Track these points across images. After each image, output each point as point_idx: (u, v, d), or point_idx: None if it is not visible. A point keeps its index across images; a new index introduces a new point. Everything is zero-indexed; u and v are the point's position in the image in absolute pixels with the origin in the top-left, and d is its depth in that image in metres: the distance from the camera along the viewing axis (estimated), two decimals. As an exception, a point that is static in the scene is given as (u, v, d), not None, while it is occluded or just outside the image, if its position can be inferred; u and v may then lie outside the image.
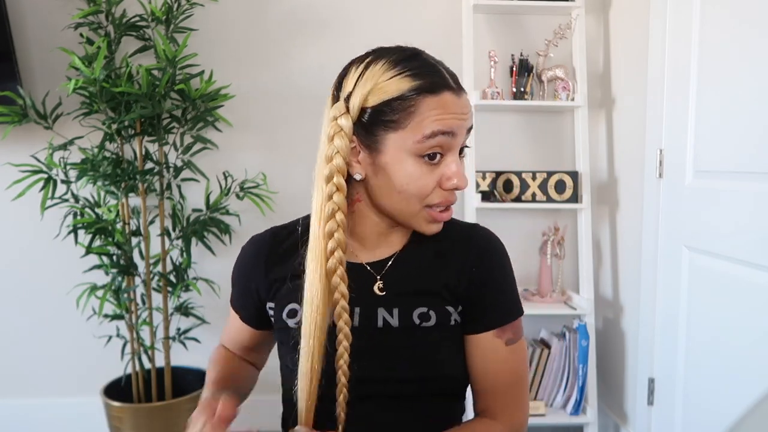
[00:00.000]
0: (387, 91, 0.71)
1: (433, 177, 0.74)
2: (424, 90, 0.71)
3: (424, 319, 0.79)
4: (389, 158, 0.73)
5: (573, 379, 1.96)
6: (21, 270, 2.11)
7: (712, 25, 1.52)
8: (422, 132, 0.71)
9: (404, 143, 0.72)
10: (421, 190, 0.74)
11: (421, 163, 0.73)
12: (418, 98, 0.71)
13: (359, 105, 0.72)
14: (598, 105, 2.15)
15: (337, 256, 0.74)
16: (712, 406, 1.52)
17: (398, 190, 0.74)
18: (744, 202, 1.40)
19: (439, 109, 0.72)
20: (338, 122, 0.73)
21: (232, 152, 2.08)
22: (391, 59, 0.73)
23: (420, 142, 0.71)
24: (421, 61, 0.74)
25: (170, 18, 1.83)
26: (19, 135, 1.94)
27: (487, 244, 0.83)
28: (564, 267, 2.14)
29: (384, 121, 0.72)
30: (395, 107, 0.71)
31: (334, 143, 0.74)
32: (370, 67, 0.74)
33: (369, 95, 0.72)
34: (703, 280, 1.56)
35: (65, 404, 2.15)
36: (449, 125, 0.72)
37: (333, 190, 0.74)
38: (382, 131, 0.73)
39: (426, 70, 0.73)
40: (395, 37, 2.08)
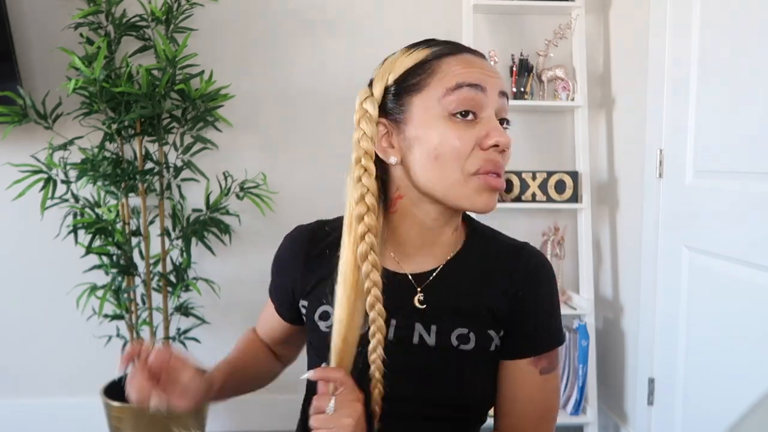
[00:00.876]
0: (405, 63, 0.72)
1: (470, 136, 0.68)
2: (442, 53, 0.71)
3: (463, 341, 0.74)
4: (418, 123, 0.69)
5: (573, 379, 1.96)
6: (21, 270, 2.11)
7: (712, 25, 1.52)
8: (445, 85, 0.68)
9: (430, 103, 0.69)
10: (457, 150, 0.67)
11: (453, 122, 0.68)
12: (438, 60, 0.70)
13: (382, 86, 0.72)
14: (598, 105, 2.15)
15: (368, 240, 0.70)
16: (712, 406, 1.52)
17: (433, 156, 0.68)
18: (744, 202, 1.40)
19: (462, 64, 0.69)
20: (363, 106, 0.73)
21: (232, 152, 2.08)
22: (408, 46, 0.75)
23: (446, 95, 0.68)
24: (439, 41, 0.75)
25: (170, 18, 1.83)
26: (19, 135, 1.94)
27: (536, 266, 0.78)
28: (564, 267, 2.14)
29: (406, 88, 0.71)
30: (417, 72, 0.70)
31: (361, 127, 0.72)
32: (390, 56, 0.75)
33: (390, 74, 0.72)
34: (703, 280, 1.56)
35: (65, 404, 2.15)
36: (475, 77, 0.68)
37: (361, 172, 0.71)
38: (405, 98, 0.71)
39: (444, 43, 0.73)
40: (395, 37, 2.08)
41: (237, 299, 2.12)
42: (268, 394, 2.31)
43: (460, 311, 0.75)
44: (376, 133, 0.72)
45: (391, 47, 0.84)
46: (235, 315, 2.15)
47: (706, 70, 1.55)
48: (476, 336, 0.74)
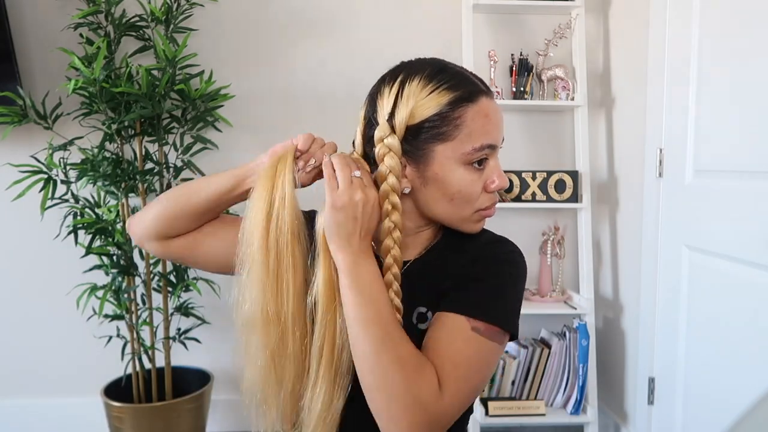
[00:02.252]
0: (429, 106, 0.75)
1: (480, 182, 0.78)
2: (463, 100, 0.75)
3: (420, 319, 0.80)
4: (438, 169, 0.76)
5: (573, 379, 1.96)
6: (21, 270, 2.11)
7: (712, 25, 1.52)
8: (472, 144, 0.75)
9: (452, 154, 0.76)
10: (472, 195, 0.78)
11: (470, 171, 0.77)
12: (461, 109, 0.75)
13: (404, 123, 0.75)
14: (598, 105, 2.15)
15: (393, 272, 0.78)
16: (713, 405, 1.52)
17: (450, 198, 0.77)
18: (744, 201, 1.40)
19: (483, 119, 0.76)
20: (386, 143, 0.76)
21: (232, 152, 2.08)
22: (425, 75, 0.77)
23: (470, 154, 0.76)
24: (451, 72, 0.78)
25: (170, 18, 1.83)
26: (19, 135, 1.94)
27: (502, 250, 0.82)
28: (564, 266, 2.14)
29: (431, 135, 0.76)
30: (441, 121, 0.75)
31: (386, 163, 0.76)
32: (405, 85, 0.76)
33: (412, 113, 0.75)
34: (703, 280, 1.56)
35: (65, 404, 2.15)
36: (495, 138, 0.77)
37: (389, 208, 0.78)
38: (429, 144, 0.76)
39: (459, 80, 0.77)
40: (395, 37, 2.09)
41: (237, 299, 2.12)
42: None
43: (423, 293, 0.81)
44: (400, 168, 0.77)
45: (391, 47, 0.84)
46: (235, 315, 2.15)
47: (705, 69, 1.55)
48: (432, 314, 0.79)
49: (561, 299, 2.07)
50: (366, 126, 0.80)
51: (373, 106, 0.79)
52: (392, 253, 0.78)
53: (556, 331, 2.08)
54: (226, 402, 2.15)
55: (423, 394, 0.69)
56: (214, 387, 1.96)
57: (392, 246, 0.78)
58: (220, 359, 2.14)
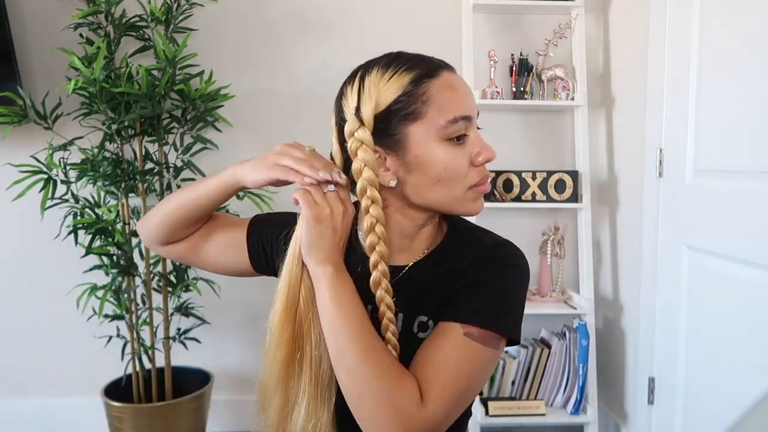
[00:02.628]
0: (392, 90, 0.73)
1: (464, 156, 0.75)
2: (425, 76, 0.74)
3: (422, 328, 0.79)
4: (417, 150, 0.74)
5: (573, 379, 1.96)
6: (21, 270, 2.11)
7: (712, 25, 1.52)
8: (445, 117, 0.73)
9: (429, 131, 0.73)
10: (459, 172, 0.75)
11: (450, 146, 0.74)
12: (424, 85, 0.73)
13: (371, 113, 0.74)
14: (598, 104, 2.15)
15: (380, 269, 0.76)
16: (713, 405, 1.52)
17: (437, 179, 0.74)
18: (744, 201, 1.40)
19: (449, 91, 0.74)
20: (356, 136, 0.74)
21: (232, 152, 2.08)
22: (381, 65, 0.76)
23: (445, 127, 0.73)
24: (407, 56, 0.77)
25: (170, 18, 1.82)
26: (19, 135, 1.94)
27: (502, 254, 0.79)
28: (564, 266, 2.14)
29: (401, 117, 0.73)
30: (407, 101, 0.73)
31: (359, 157, 0.74)
32: (365, 78, 0.75)
33: (377, 101, 0.74)
34: (703, 280, 1.56)
35: (65, 404, 2.15)
36: (468, 109, 0.75)
37: (369, 203, 0.76)
38: (401, 127, 0.74)
39: (416, 61, 0.76)
40: (395, 37, 2.09)
41: (237, 299, 2.12)
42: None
43: (424, 301, 0.80)
44: (375, 161, 0.75)
45: (391, 47, 0.84)
46: (235, 315, 2.15)
47: (705, 69, 1.55)
48: (434, 325, 0.78)
49: (561, 299, 2.07)
50: (338, 130, 0.78)
51: (340, 108, 0.78)
52: (378, 249, 0.76)
53: (556, 331, 2.08)
54: (226, 402, 2.15)
55: (404, 403, 0.68)
56: (214, 387, 1.96)
57: (377, 242, 0.76)
58: (220, 359, 2.14)
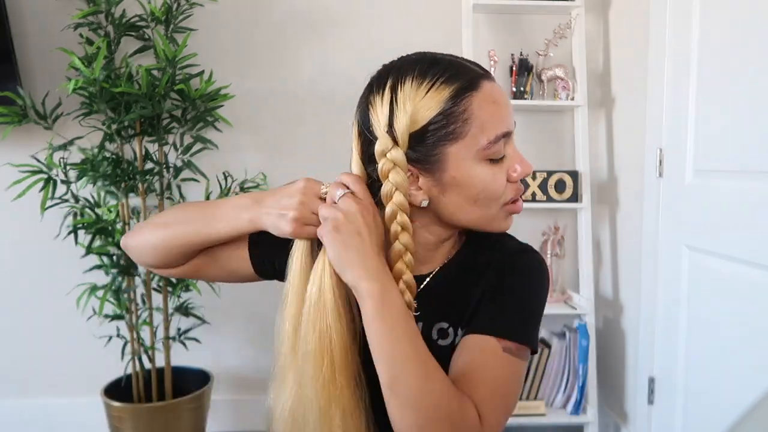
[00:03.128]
0: (429, 106, 0.68)
1: (503, 175, 0.72)
2: (466, 90, 0.68)
3: (442, 335, 0.77)
4: (455, 171, 0.69)
5: (573, 379, 1.96)
6: (21, 270, 2.11)
7: (712, 25, 1.52)
8: (487, 137, 0.69)
9: (469, 151, 0.69)
10: (497, 191, 0.72)
11: (490, 165, 0.71)
12: (465, 101, 0.68)
13: (407, 132, 0.68)
14: (598, 104, 2.15)
15: (407, 298, 0.72)
16: (713, 405, 1.52)
17: (475, 200, 0.71)
18: (744, 201, 1.40)
19: (491, 106, 0.70)
20: (389, 157, 0.69)
21: (232, 152, 2.08)
22: (416, 74, 0.69)
23: (487, 147, 0.69)
24: (443, 63, 0.71)
25: (170, 18, 1.82)
26: (19, 135, 1.94)
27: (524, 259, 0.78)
28: (564, 266, 2.14)
29: (440, 137, 0.68)
30: (447, 119, 0.68)
31: (390, 179, 0.69)
32: (398, 90, 0.69)
33: (412, 118, 0.68)
34: (703, 280, 1.56)
35: (65, 404, 2.15)
36: (508, 124, 0.71)
37: (398, 230, 0.71)
38: (440, 147, 0.69)
39: (455, 70, 0.70)
40: (395, 37, 2.09)
41: (237, 299, 2.12)
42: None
43: (444, 308, 0.77)
44: (407, 183, 0.70)
45: (391, 47, 0.83)
46: (235, 315, 2.15)
47: (705, 69, 1.55)
48: (454, 333, 0.76)
49: (561, 299, 2.07)
50: (362, 144, 0.72)
51: (366, 120, 0.71)
52: (404, 278, 0.72)
53: (556, 331, 2.07)
54: (226, 402, 2.15)
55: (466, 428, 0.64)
56: (214, 387, 1.96)
57: (404, 271, 0.72)
58: (220, 359, 2.14)
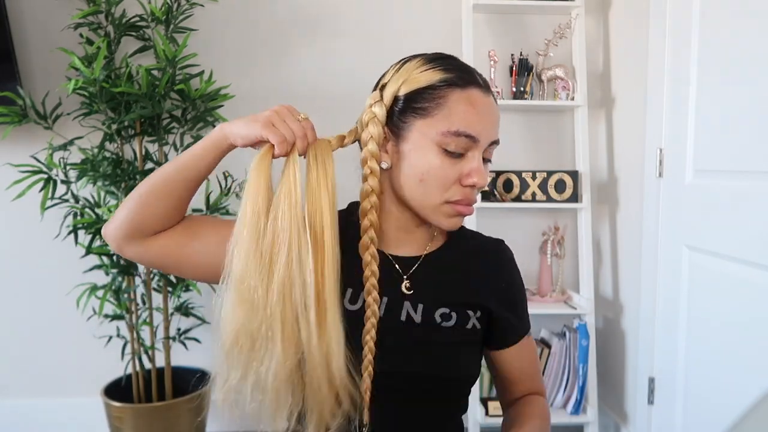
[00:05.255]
0: (419, 80, 0.75)
1: (454, 171, 0.75)
2: (453, 82, 0.75)
3: (445, 319, 0.81)
4: (413, 145, 0.75)
5: (573, 379, 1.96)
6: (21, 270, 2.11)
7: (712, 25, 1.52)
8: (449, 126, 0.73)
9: (429, 131, 0.74)
10: (441, 181, 0.75)
11: (443, 156, 0.74)
12: (447, 90, 0.74)
13: (392, 94, 0.76)
14: (598, 105, 2.15)
15: (370, 234, 0.78)
16: (713, 405, 1.52)
17: (419, 179, 0.75)
18: (744, 201, 1.40)
19: (468, 106, 0.74)
20: (372, 109, 0.77)
21: (232, 152, 2.07)
22: (427, 57, 0.78)
23: (445, 135, 0.73)
24: (454, 60, 0.79)
25: (170, 18, 1.82)
26: (19, 135, 1.94)
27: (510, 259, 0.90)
28: (564, 266, 2.14)
29: (413, 108, 0.75)
30: (425, 96, 0.75)
31: (368, 129, 0.77)
32: (407, 63, 0.78)
33: (402, 85, 0.76)
34: (703, 280, 1.56)
35: (65, 404, 2.15)
36: (476, 130, 0.74)
37: (367, 172, 0.77)
38: (410, 118, 0.75)
39: (457, 67, 0.77)
40: (395, 37, 2.09)
41: (237, 299, 2.12)
42: (269, 394, 2.25)
43: (443, 295, 0.82)
44: (382, 136, 0.77)
45: (391, 47, 0.85)
46: (235, 315, 2.14)
47: (705, 69, 1.55)
48: (457, 315, 0.81)
49: (561, 299, 2.07)
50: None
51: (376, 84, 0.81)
52: (369, 217, 0.78)
53: (556, 331, 2.07)
54: (226, 402, 2.15)
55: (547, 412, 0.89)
56: (214, 387, 1.96)
57: (369, 208, 0.78)
58: (220, 359, 2.14)
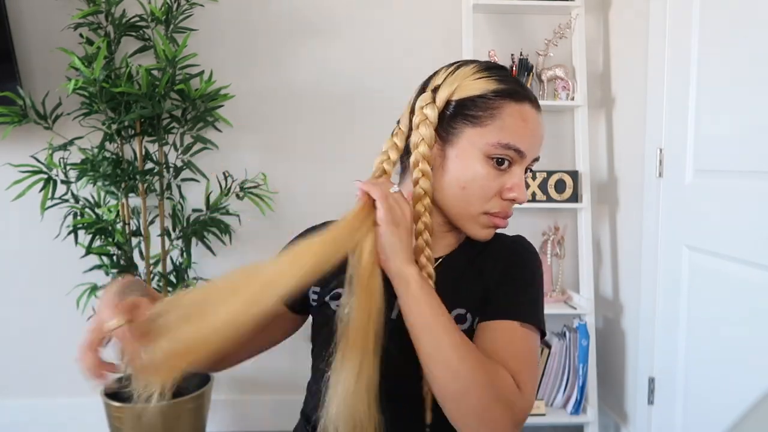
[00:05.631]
0: (474, 88, 0.76)
1: (496, 183, 0.76)
2: (508, 94, 0.76)
3: (459, 320, 0.79)
4: (460, 151, 0.76)
5: (573, 379, 1.96)
6: (21, 270, 2.11)
7: (712, 25, 1.52)
8: (500, 138, 0.75)
9: (479, 140, 0.75)
10: (484, 191, 0.76)
11: (488, 165, 0.76)
12: (502, 101, 0.75)
13: (446, 97, 0.76)
14: (598, 105, 2.15)
15: (425, 237, 0.77)
16: (713, 405, 1.52)
17: (462, 186, 0.76)
18: (744, 201, 1.40)
19: (521, 120, 0.76)
20: (424, 111, 0.77)
21: (232, 152, 2.08)
22: (481, 64, 0.79)
23: (494, 146, 0.75)
24: (507, 72, 0.80)
25: (170, 18, 1.83)
26: (19, 135, 1.94)
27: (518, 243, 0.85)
28: (564, 266, 2.14)
29: (465, 115, 0.76)
30: (479, 104, 0.75)
31: (420, 131, 0.77)
32: (461, 68, 0.78)
33: (456, 90, 0.76)
34: (703, 280, 1.56)
35: (65, 404, 2.15)
36: (525, 145, 0.76)
37: (419, 175, 0.77)
38: (461, 124, 0.76)
39: (512, 81, 0.78)
40: (395, 37, 2.09)
41: (237, 299, 2.12)
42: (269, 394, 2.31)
43: (458, 295, 0.80)
44: (433, 138, 0.77)
45: (391, 47, 0.85)
46: (235, 315, 2.14)
47: (705, 69, 1.55)
48: (471, 317, 0.79)
49: (561, 299, 2.07)
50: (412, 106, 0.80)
51: (425, 84, 0.80)
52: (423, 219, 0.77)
53: (556, 331, 2.07)
54: (226, 402, 2.15)
55: (507, 392, 0.70)
56: (214, 387, 1.96)
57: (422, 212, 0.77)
58: (220, 359, 2.14)
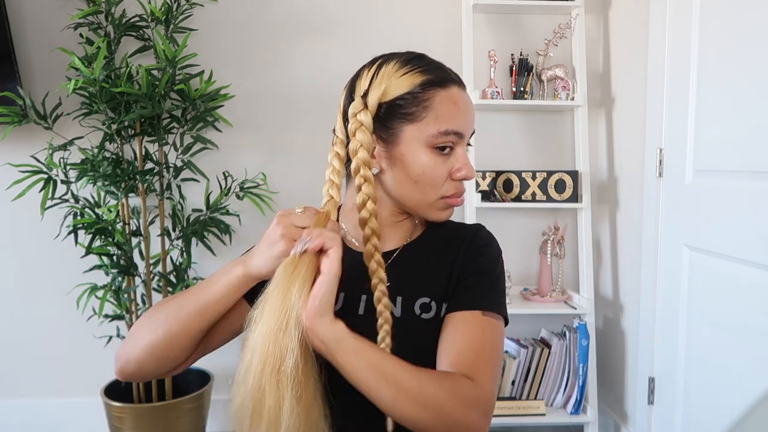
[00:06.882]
0: (401, 85, 0.78)
1: (445, 168, 0.80)
2: (435, 83, 0.78)
3: (425, 309, 0.81)
4: (405, 149, 0.79)
5: (573, 379, 1.96)
6: (21, 270, 2.11)
7: (712, 25, 1.52)
8: (438, 127, 0.77)
9: (419, 135, 0.78)
10: (435, 179, 0.79)
11: (434, 154, 0.79)
12: (431, 92, 0.78)
13: (377, 100, 0.78)
14: (598, 105, 2.15)
15: (373, 242, 0.79)
16: (713, 405, 1.52)
17: (414, 180, 0.79)
18: (744, 201, 1.40)
19: (451, 105, 0.79)
20: (358, 118, 0.78)
21: (232, 152, 2.08)
22: (401, 59, 0.81)
23: (435, 136, 0.78)
24: (427, 60, 0.82)
25: (170, 18, 1.83)
26: (19, 135, 1.94)
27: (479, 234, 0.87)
28: (564, 266, 2.14)
29: (401, 114, 0.78)
30: (410, 101, 0.78)
31: (357, 138, 0.78)
32: (382, 67, 0.80)
33: (385, 91, 0.78)
34: (703, 279, 1.56)
35: (65, 404, 2.15)
36: (461, 126, 0.79)
37: (362, 181, 0.79)
38: (398, 123, 0.78)
39: (433, 67, 0.81)
40: (395, 37, 2.09)
41: (237, 299, 2.12)
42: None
43: (420, 283, 0.83)
44: (371, 144, 0.79)
45: (391, 47, 0.85)
46: (235, 315, 2.15)
47: (705, 69, 1.55)
48: (437, 305, 0.81)
49: (561, 299, 2.07)
50: (344, 105, 0.82)
51: (352, 87, 0.81)
52: (369, 225, 0.79)
53: (556, 331, 2.07)
54: (226, 402, 2.15)
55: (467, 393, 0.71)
56: (214, 387, 1.96)
57: (368, 217, 0.79)
58: (220, 359, 2.13)
